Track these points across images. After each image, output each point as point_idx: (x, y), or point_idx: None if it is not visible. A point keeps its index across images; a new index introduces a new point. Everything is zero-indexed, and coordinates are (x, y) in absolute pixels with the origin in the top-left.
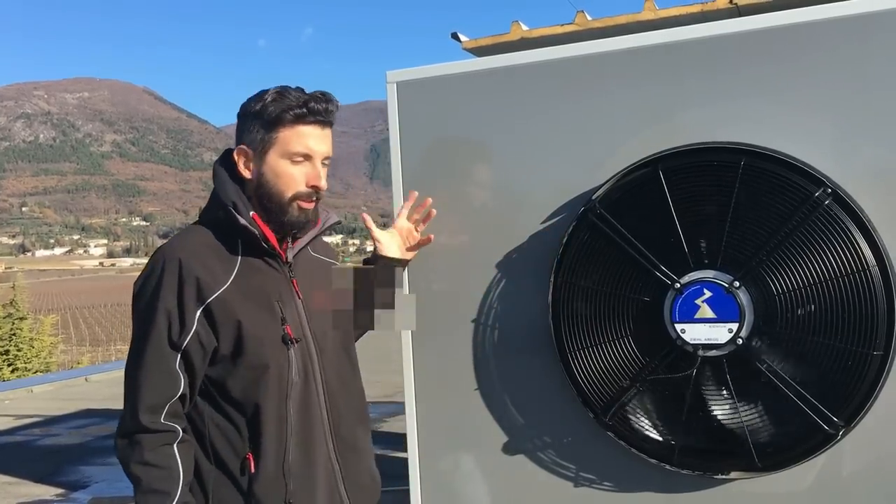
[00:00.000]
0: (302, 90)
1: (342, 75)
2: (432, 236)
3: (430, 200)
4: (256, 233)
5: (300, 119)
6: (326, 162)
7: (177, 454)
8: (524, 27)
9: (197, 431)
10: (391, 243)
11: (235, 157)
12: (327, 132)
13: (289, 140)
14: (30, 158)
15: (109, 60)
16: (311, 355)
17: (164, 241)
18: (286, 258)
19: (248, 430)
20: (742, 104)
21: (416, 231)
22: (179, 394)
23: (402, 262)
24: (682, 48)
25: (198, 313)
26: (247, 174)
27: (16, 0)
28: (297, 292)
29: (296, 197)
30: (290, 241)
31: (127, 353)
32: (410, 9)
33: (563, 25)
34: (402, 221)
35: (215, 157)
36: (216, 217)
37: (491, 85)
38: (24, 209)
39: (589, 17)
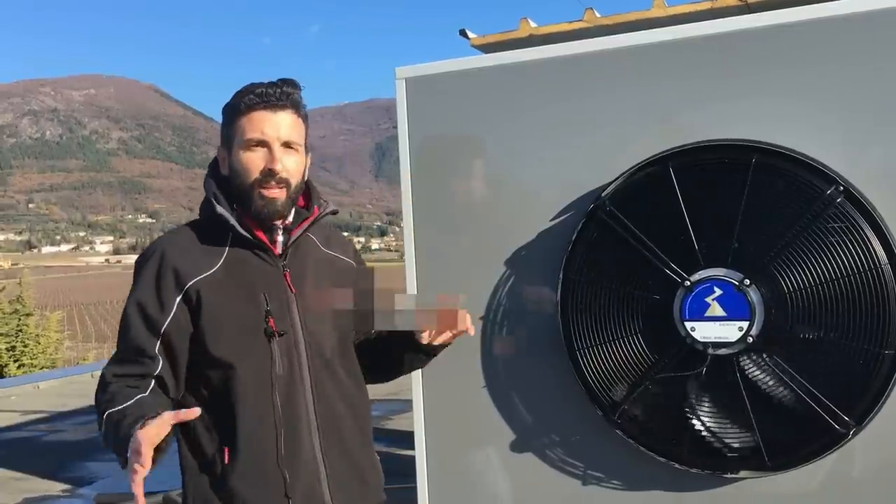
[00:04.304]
0: (269, 82)
1: (348, 73)
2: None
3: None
4: (230, 221)
5: (251, 106)
6: (294, 147)
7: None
8: (532, 24)
9: (185, 425)
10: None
11: (218, 158)
12: (283, 115)
13: (243, 128)
14: (36, 155)
15: (115, 57)
16: (298, 349)
17: None
18: (277, 251)
19: (225, 421)
20: (753, 101)
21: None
22: (154, 374)
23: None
24: (691, 45)
25: (177, 299)
26: (224, 171)
27: None
28: (289, 286)
29: (254, 184)
30: (280, 232)
31: None
32: (418, 6)
33: (571, 22)
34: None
35: None
36: (204, 211)
37: (500, 82)
38: (30, 206)
39: (598, 14)
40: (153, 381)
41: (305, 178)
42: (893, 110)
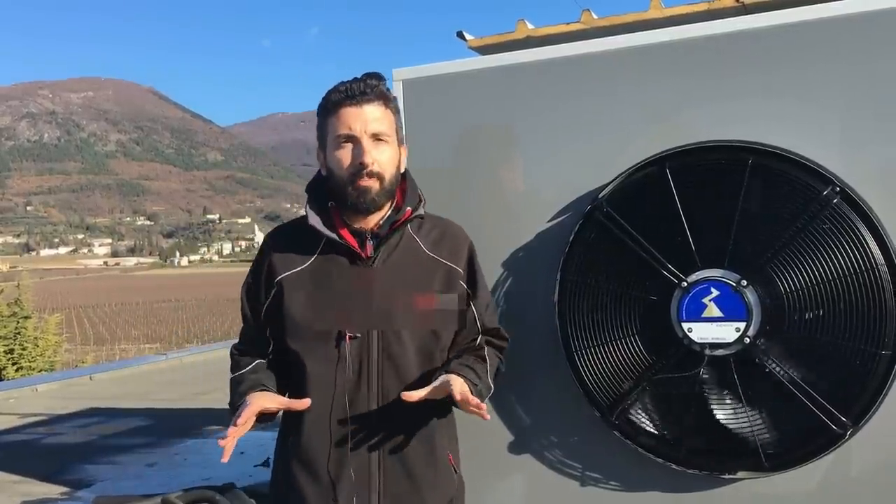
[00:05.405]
0: (354, 78)
1: (347, 75)
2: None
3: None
4: (315, 223)
5: (338, 103)
6: (383, 138)
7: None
8: (530, 26)
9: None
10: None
11: (318, 160)
12: (369, 108)
13: (332, 126)
14: (34, 158)
15: (114, 60)
16: (370, 354)
17: (169, 240)
18: (367, 253)
19: (294, 411)
20: (749, 102)
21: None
22: (267, 352)
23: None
24: (688, 46)
25: (269, 291)
26: (323, 171)
27: (20, 0)
28: (371, 288)
29: (348, 179)
30: (369, 235)
31: None
32: (416, 9)
33: (568, 24)
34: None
35: (220, 157)
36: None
37: (497, 83)
38: (28, 208)
39: (595, 16)
40: (268, 358)
41: (402, 171)
42: (891, 111)
